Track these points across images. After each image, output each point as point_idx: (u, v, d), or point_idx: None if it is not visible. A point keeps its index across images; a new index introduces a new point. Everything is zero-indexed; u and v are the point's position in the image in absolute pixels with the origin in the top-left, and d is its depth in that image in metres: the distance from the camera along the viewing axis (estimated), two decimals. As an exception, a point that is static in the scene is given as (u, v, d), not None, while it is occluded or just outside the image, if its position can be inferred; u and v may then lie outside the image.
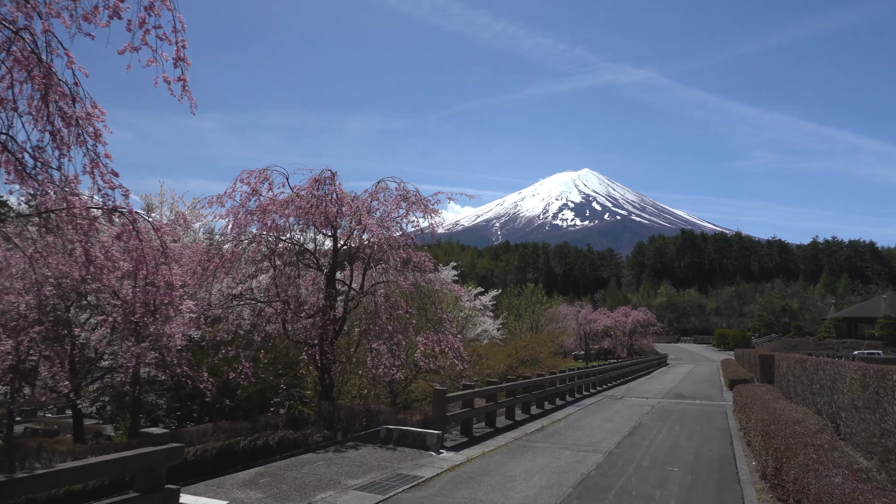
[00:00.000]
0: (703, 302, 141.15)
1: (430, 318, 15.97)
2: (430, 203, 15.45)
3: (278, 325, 15.14)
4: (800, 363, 14.05)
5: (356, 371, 17.32)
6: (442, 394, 11.03)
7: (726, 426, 14.93)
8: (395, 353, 15.57)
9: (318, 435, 12.69)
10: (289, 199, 13.29)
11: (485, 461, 9.85)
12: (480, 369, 27.95)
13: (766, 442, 8.38)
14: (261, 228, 13.77)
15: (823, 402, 11.38)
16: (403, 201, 15.29)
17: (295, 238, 14.40)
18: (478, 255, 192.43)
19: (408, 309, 15.93)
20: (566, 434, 13.04)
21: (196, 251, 14.01)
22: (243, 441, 12.85)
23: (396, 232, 15.34)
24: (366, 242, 15.05)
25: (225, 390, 17.69)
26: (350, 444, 10.84)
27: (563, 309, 59.45)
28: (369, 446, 10.64)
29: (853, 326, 75.62)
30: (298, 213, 13.21)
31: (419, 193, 15.50)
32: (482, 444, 11.35)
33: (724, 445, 11.99)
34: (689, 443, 12.25)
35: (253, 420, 15.01)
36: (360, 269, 15.91)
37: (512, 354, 29.49)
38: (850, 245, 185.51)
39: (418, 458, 9.86)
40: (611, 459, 10.23)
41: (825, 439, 7.66)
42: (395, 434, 10.73)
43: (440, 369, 16.96)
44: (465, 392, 12.20)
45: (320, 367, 14.94)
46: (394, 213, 15.32)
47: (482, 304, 40.05)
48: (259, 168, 13.93)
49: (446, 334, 16.09)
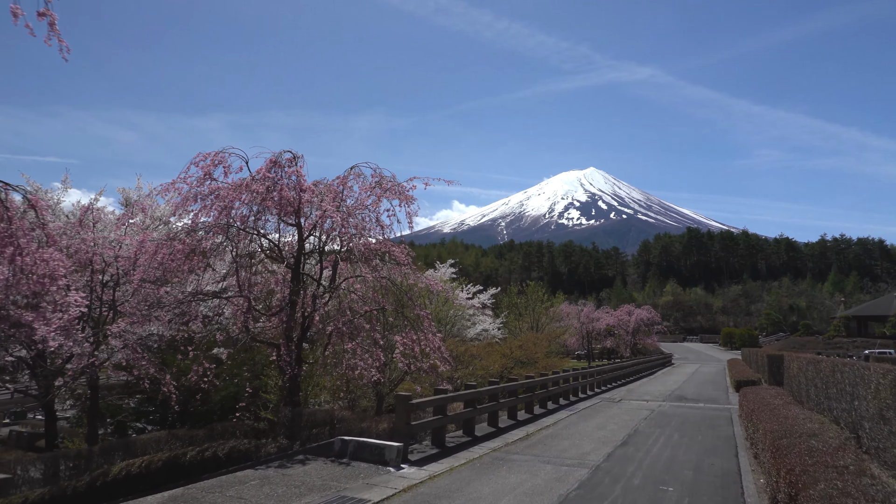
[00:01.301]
0: (709, 301, 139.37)
1: (408, 316, 14.68)
2: (406, 189, 14.17)
3: (240, 325, 13.87)
4: (813, 364, 12.64)
5: (330, 373, 16.04)
6: (405, 400, 9.70)
7: (731, 434, 13.54)
8: (373, 353, 14.32)
9: (272, 445, 11.39)
10: (241, 182, 11.98)
11: (449, 479, 8.51)
12: (473, 370, 26.64)
13: (778, 460, 7.01)
14: (218, 217, 12.46)
15: (841, 409, 9.99)
16: (378, 188, 14.01)
17: (256, 228, 13.08)
18: (482, 254, 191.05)
19: (384, 305, 14.66)
20: (551, 444, 11.69)
21: (160, 244, 12.78)
22: (191, 452, 11.57)
23: (369, 221, 14.08)
24: (334, 233, 13.76)
25: (198, 394, 16.44)
26: (299, 458, 9.53)
27: (565, 307, 57.98)
28: (320, 460, 9.32)
29: (863, 325, 73.82)
30: (253, 198, 11.91)
31: (395, 179, 14.23)
32: (453, 457, 10.02)
33: (728, 458, 10.62)
34: (689, 454, 10.88)
35: (210, 428, 13.74)
36: (330, 262, 14.63)
37: (507, 354, 28.12)
38: (858, 243, 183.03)
39: (372, 475, 8.53)
40: (597, 476, 8.88)
41: (849, 459, 6.29)
42: (350, 446, 9.40)
43: (420, 371, 15.67)
44: (435, 398, 10.86)
45: (284, 369, 13.66)
46: (367, 200, 14.06)
47: (481, 302, 38.83)
48: (215, 150, 12.70)
49: (427, 333, 14.82)
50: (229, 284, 14.15)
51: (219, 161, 12.51)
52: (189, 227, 12.55)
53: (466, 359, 27.23)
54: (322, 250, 14.72)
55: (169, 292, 13.28)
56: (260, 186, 11.75)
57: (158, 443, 13.62)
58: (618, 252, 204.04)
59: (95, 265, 14.42)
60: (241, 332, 14.10)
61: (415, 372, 16.58)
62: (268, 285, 13.95)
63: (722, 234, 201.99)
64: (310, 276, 14.13)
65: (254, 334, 13.77)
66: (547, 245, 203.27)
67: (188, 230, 12.43)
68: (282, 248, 13.83)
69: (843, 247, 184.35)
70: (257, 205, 12.11)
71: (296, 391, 13.85)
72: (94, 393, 16.19)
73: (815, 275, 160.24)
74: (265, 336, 13.92)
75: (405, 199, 14.16)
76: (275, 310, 14.10)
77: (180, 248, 12.26)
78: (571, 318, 57.33)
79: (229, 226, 12.07)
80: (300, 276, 13.82)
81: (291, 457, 9.62)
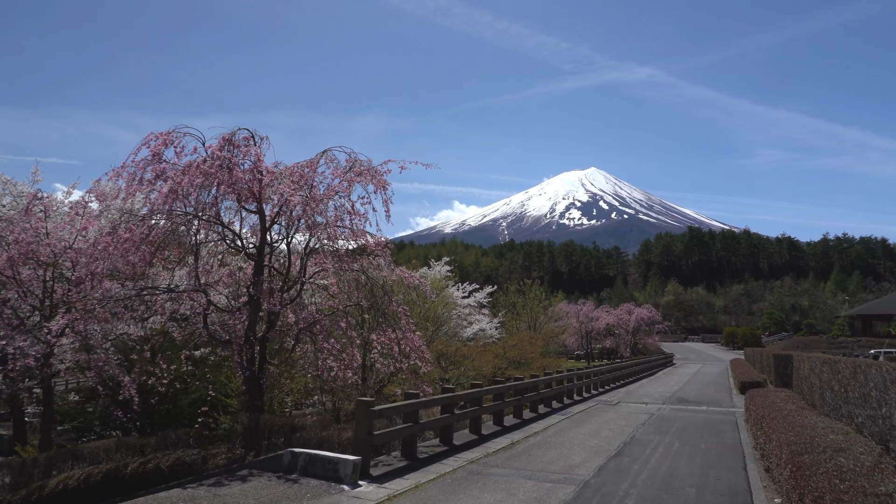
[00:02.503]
0: (711, 300, 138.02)
1: (385, 313, 13.46)
2: (381, 173, 12.95)
3: (199, 321, 12.67)
4: (828, 365, 11.39)
5: (302, 375, 14.82)
6: (365, 406, 8.45)
7: (737, 441, 12.29)
8: (350, 353, 13.12)
9: (223, 457, 10.17)
10: (190, 163, 10.75)
11: (411, 500, 7.28)
12: (465, 371, 25.41)
13: (800, 482, 5.77)
14: (165, 202, 11.20)
15: (865, 416, 8.74)
16: (351, 173, 12.81)
17: (210, 214, 11.84)
18: (482, 253, 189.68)
19: (360, 300, 13.46)
20: (537, 455, 10.44)
21: (102, 234, 11.59)
22: (133, 464, 10.37)
23: (342, 210, 12.88)
24: (302, 222, 12.55)
25: (155, 396, 15.19)
26: (242, 473, 8.29)
27: (564, 307, 56.63)
28: (265, 476, 8.09)
29: (868, 324, 72.48)
30: (204, 181, 10.66)
31: (372, 164, 13.03)
32: (422, 471, 8.77)
33: (735, 471, 9.37)
34: (691, 467, 9.63)
35: (163, 435, 12.50)
36: (301, 254, 13.41)
37: (500, 355, 26.85)
38: (861, 242, 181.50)
39: (321, 494, 7.30)
40: (584, 496, 7.64)
41: (892, 484, 5.05)
42: (301, 460, 8.16)
43: (400, 372, 14.46)
44: (405, 403, 9.62)
45: (245, 371, 12.43)
46: (339, 186, 12.84)
47: (476, 301, 37.61)
48: (167, 129, 11.50)
49: (405, 331, 13.62)
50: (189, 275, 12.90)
51: (170, 141, 11.29)
52: (128, 212, 11.37)
53: (458, 359, 26.00)
54: (290, 240, 13.52)
55: (127, 287, 12.03)
56: (210, 167, 10.52)
57: (108, 451, 12.37)
58: (619, 252, 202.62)
59: (42, 257, 13.20)
60: (202, 329, 12.92)
61: (396, 373, 15.37)
62: (233, 278, 12.73)
63: (723, 234, 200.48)
64: (274, 269, 12.92)
65: (211, 332, 12.57)
66: (547, 245, 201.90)
67: (130, 217, 11.24)
68: (242, 237, 12.62)
69: (846, 246, 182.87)
70: (212, 189, 10.88)
71: (258, 395, 12.64)
72: (47, 396, 15.01)
73: (818, 274, 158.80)
74: (221, 334, 12.69)
75: (380, 184, 12.96)
76: (236, 306, 12.88)
77: (127, 238, 11.03)
78: (570, 317, 56.07)
79: (175, 212, 10.82)
80: (263, 269, 12.61)
81: (234, 472, 8.39)
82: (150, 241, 11.16)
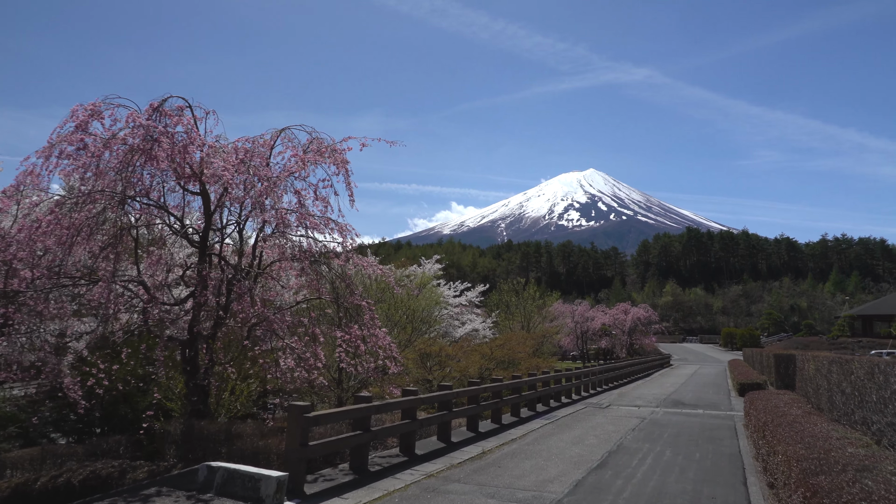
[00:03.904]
0: (709, 301, 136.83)
1: (345, 306, 12.18)
2: (340, 151, 11.70)
3: (139, 314, 11.41)
4: (839, 365, 10.12)
5: (261, 375, 13.53)
6: (298, 412, 7.16)
7: (736, 450, 11.02)
8: (314, 352, 11.85)
9: (143, 470, 8.88)
10: (114, 134, 9.45)
11: (340, 527, 6.00)
12: (450, 373, 24.13)
13: (816, 513, 4.50)
14: (84, 179, 9.89)
15: (885, 423, 7.49)
16: (310, 152, 11.56)
17: (137, 194, 10.53)
18: (479, 254, 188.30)
19: (321, 293, 12.20)
20: (508, 466, 9.16)
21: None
22: (43, 478, 9.09)
23: (296, 193, 11.64)
24: (251, 204, 11.26)
25: (93, 400, 13.88)
26: (147, 493, 6.99)
27: (559, 307, 55.26)
28: (175, 495, 6.80)
29: (868, 325, 71.25)
30: (128, 156, 9.37)
31: (334, 143, 11.79)
32: (367, 489, 7.49)
33: (734, 487, 8.10)
34: (683, 482, 8.36)
35: (94, 443, 11.19)
36: (259, 243, 12.15)
37: (487, 355, 25.53)
38: (860, 242, 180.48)
39: (232, 521, 6.02)
40: (552, 520, 6.37)
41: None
42: (218, 476, 6.87)
43: (367, 373, 13.17)
44: (352, 408, 8.33)
45: (188, 371, 11.16)
46: (295, 167, 11.57)
47: (468, 300, 36.43)
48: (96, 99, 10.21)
49: (370, 328, 12.34)
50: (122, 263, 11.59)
51: (98, 112, 10.01)
52: (45, 190, 10.08)
53: (442, 359, 24.73)
54: (242, 227, 12.25)
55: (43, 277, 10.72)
56: (132, 137, 9.24)
57: (33, 461, 11.10)
58: (617, 252, 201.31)
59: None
60: (139, 325, 11.64)
61: (362, 374, 14.07)
62: (163, 266, 11.42)
63: (722, 234, 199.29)
64: (223, 258, 11.63)
65: (151, 328, 11.28)
66: (545, 245, 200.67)
67: (46, 197, 9.97)
68: (184, 221, 11.34)
69: (845, 247, 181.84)
70: (136, 165, 9.57)
71: (202, 398, 11.36)
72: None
73: (817, 275, 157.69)
74: (161, 328, 11.40)
75: (340, 164, 11.72)
76: (178, 299, 11.60)
77: (49, 221, 9.74)
78: (565, 317, 54.72)
79: (94, 192, 9.51)
80: (206, 256, 11.33)
81: (138, 490, 7.09)
82: (72, 225, 9.86)
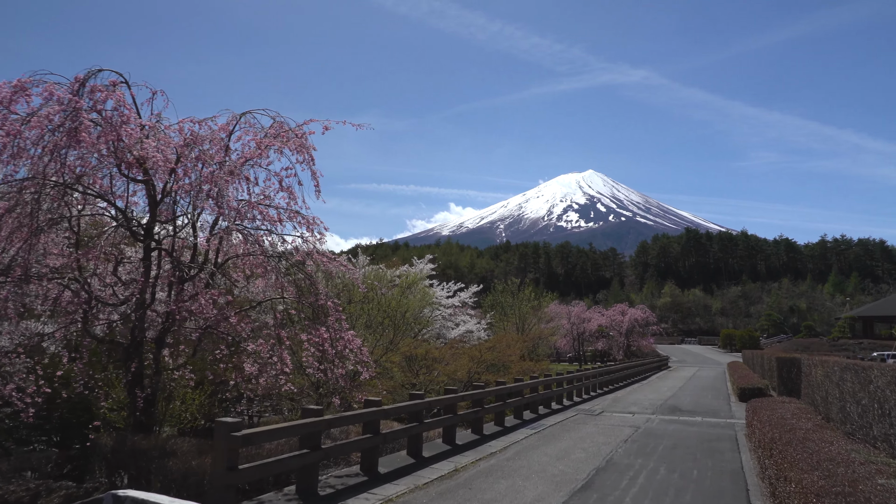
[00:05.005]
0: (708, 302, 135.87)
1: (310, 305, 11.12)
2: (303, 136, 10.65)
3: (78, 318, 10.31)
4: (853, 373, 9.03)
5: (215, 382, 12.44)
6: (225, 430, 6.07)
7: (738, 466, 9.93)
8: (280, 356, 10.81)
9: (59, 495, 7.78)
10: (34, 110, 8.37)
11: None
12: (437, 377, 23.05)
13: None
14: (19, 160, 8.84)
15: (914, 443, 6.39)
16: (270, 137, 10.51)
17: (74, 182, 9.44)
18: (477, 255, 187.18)
19: (287, 290, 11.16)
20: (480, 488, 8.07)
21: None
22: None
23: (260, 182, 10.63)
24: (204, 195, 10.18)
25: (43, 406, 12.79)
26: (40, 529, 5.90)
27: (555, 307, 54.15)
28: (71, 533, 5.70)
29: (869, 326, 70.22)
30: (51, 136, 8.29)
31: (300, 127, 10.77)
32: (309, 520, 6.40)
33: (736, 515, 7.02)
34: (679, 508, 7.28)
35: (21, 456, 10.08)
36: (216, 237, 11.07)
37: (476, 358, 24.43)
38: (859, 243, 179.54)
39: (125, 568, 4.93)
40: (519, 564, 5.27)
41: None
42: (124, 509, 5.78)
43: (337, 379, 12.09)
44: (298, 423, 7.23)
45: (129, 381, 10.05)
46: (254, 153, 10.52)
47: (461, 301, 35.41)
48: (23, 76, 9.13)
49: (337, 330, 11.29)
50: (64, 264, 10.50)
51: (23, 89, 8.93)
52: None
53: (428, 363, 23.65)
54: (196, 220, 11.17)
55: None
56: (54, 113, 8.16)
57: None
58: (615, 253, 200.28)
59: None
60: (82, 328, 10.54)
61: (330, 381, 12.98)
62: (108, 261, 10.33)
63: (721, 235, 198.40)
64: (172, 254, 10.55)
65: (91, 331, 10.19)
66: (543, 246, 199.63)
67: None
68: (127, 212, 10.25)
69: (844, 248, 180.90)
70: (61, 147, 8.48)
71: (149, 408, 10.27)
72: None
73: (816, 276, 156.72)
74: (100, 332, 10.32)
75: (302, 150, 10.66)
76: (121, 299, 10.50)
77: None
78: (562, 318, 53.65)
79: (10, 178, 8.43)
80: (151, 254, 10.25)
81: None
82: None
